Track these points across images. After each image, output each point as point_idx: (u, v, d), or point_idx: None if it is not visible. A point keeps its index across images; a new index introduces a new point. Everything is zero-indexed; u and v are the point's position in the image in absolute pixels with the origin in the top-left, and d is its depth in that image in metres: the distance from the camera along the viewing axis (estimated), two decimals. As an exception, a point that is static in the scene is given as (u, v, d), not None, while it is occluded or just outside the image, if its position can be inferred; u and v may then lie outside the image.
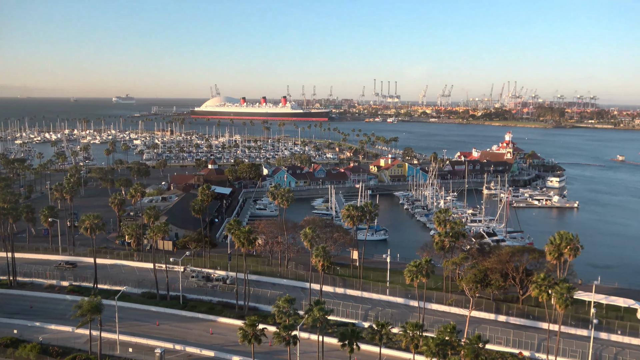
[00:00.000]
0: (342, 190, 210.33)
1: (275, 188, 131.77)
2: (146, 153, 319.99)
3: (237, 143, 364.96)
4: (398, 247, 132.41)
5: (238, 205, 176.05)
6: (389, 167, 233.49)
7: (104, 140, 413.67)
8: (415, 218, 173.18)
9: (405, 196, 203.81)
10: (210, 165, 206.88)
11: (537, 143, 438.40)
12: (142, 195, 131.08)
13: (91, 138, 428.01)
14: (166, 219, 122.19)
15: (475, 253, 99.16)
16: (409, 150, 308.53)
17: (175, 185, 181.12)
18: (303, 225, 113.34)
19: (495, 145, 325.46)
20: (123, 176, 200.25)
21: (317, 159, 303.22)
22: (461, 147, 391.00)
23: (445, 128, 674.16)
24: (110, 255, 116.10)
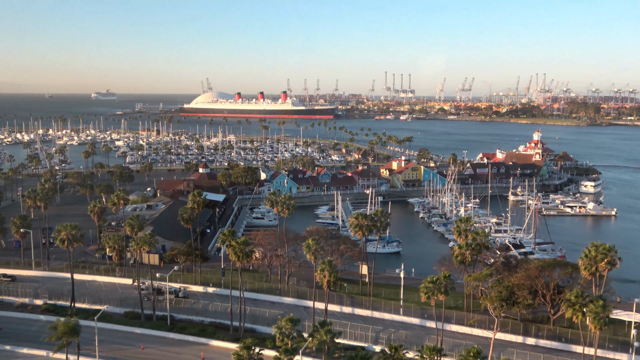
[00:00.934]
0: (350, 197, 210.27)
1: (275, 194, 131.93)
2: (129, 156, 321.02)
3: (231, 144, 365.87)
4: (413, 260, 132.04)
5: (232, 213, 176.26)
6: (402, 171, 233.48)
7: (82, 141, 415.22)
8: (432, 228, 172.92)
9: (420, 203, 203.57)
10: (201, 169, 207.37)
11: (570, 143, 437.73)
12: (125, 203, 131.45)
13: (68, 139, 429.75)
14: (152, 229, 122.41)
15: (500, 267, 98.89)
16: (424, 152, 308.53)
17: (162, 192, 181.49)
18: (306, 236, 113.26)
19: (522, 145, 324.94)
20: (104, 181, 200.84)
21: (322, 162, 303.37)
22: (484, 147, 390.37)
23: (465, 126, 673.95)
24: (89, 270, 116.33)
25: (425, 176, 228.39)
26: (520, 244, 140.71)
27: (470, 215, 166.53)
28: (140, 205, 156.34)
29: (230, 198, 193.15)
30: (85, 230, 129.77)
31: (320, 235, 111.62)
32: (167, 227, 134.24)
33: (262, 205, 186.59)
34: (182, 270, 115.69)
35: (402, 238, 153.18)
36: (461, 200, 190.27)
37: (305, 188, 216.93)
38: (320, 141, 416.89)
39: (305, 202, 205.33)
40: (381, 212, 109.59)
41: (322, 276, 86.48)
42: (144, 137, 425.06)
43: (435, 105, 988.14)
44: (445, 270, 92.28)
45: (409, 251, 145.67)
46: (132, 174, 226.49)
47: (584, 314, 72.00)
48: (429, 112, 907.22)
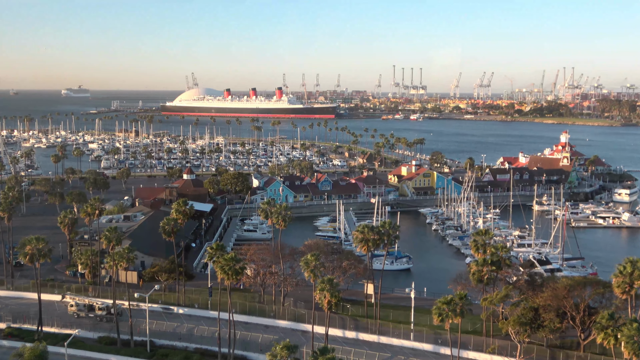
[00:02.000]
0: (354, 207, 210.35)
1: (269, 204, 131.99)
2: (104, 160, 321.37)
3: (219, 147, 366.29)
4: (425, 278, 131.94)
5: (221, 225, 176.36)
6: (412, 177, 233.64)
7: (51, 143, 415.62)
8: (447, 242, 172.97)
9: (433, 214, 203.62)
10: (185, 175, 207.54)
11: (602, 145, 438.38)
12: (100, 214, 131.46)
13: (35, 141, 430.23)
14: (130, 243, 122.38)
15: (523, 286, 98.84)
16: (438, 156, 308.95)
17: (142, 201, 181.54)
18: (304, 251, 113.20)
19: (547, 148, 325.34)
20: (75, 189, 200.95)
21: (322, 167, 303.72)
22: (504, 151, 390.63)
23: (484, 127, 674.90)
24: (59, 289, 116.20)
25: (439, 183, 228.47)
26: (546, 260, 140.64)
27: (490, 227, 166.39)
28: (116, 216, 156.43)
29: (219, 208, 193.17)
30: (54, 244, 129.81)
31: (320, 250, 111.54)
32: (147, 240, 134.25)
33: (255, 216, 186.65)
34: (164, 290, 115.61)
35: (413, 253, 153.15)
36: (479, 211, 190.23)
37: (303, 197, 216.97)
38: (320, 144, 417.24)
39: (303, 213, 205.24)
40: (389, 224, 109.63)
41: (322, 296, 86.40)
42: (120, 139, 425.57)
43: (450, 103, 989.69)
44: (461, 290, 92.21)
45: (420, 268, 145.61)
46: (108, 180, 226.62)
47: (616, 339, 71.91)
48: (442, 111, 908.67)
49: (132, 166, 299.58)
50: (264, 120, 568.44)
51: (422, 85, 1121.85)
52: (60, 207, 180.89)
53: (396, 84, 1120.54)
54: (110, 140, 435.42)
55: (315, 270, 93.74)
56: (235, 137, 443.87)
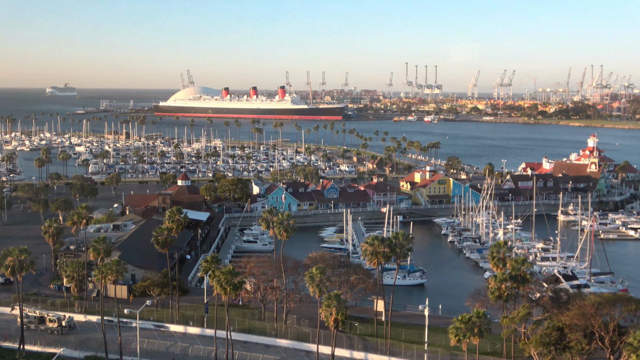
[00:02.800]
0: (363, 216, 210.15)
1: (270, 213, 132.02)
2: (92, 164, 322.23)
3: (217, 150, 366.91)
4: (440, 295, 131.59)
5: (218, 236, 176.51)
6: (426, 184, 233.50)
7: (34, 146, 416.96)
8: (464, 255, 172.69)
9: (449, 224, 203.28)
10: (180, 181, 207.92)
11: (633, 150, 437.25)
12: (87, 223, 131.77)
13: (17, 143, 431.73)
14: (119, 255, 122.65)
15: (547, 304, 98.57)
16: (454, 161, 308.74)
17: (132, 209, 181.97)
18: (308, 265, 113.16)
19: (574, 153, 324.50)
20: (61, 196, 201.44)
21: (328, 173, 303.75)
22: (527, 155, 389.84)
23: (504, 129, 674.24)
24: (43, 304, 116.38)
25: (455, 191, 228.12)
26: (573, 275, 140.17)
27: (511, 239, 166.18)
28: (105, 225, 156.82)
29: (216, 217, 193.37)
30: (38, 255, 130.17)
31: (326, 263, 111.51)
32: (138, 252, 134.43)
33: (255, 226, 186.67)
34: (156, 305, 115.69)
35: (427, 267, 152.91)
36: (499, 221, 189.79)
37: (308, 205, 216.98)
38: (326, 147, 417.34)
39: (307, 223, 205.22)
40: (401, 235, 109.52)
41: (328, 313, 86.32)
42: (110, 142, 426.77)
43: (468, 104, 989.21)
44: (479, 307, 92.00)
45: (435, 283, 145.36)
46: (96, 186, 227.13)
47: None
48: (459, 112, 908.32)
49: (123, 171, 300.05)
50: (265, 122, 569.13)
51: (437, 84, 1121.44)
52: (44, 216, 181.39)
53: (409, 82, 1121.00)
54: (99, 142, 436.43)
55: (320, 285, 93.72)
56: (234, 140, 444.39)
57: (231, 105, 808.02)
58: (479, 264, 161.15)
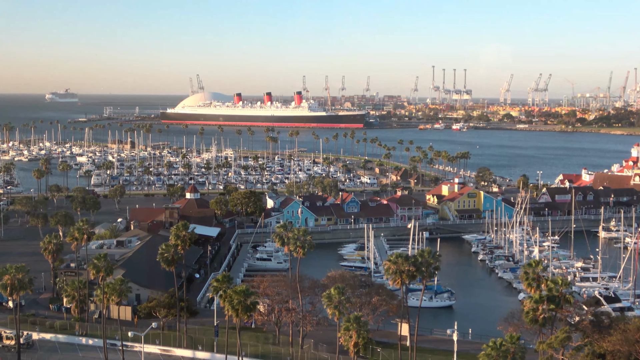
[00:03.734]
0: (385, 232, 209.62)
1: (285, 228, 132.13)
2: (95, 176, 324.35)
3: (228, 161, 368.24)
4: (470, 318, 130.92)
5: (230, 253, 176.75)
6: (455, 198, 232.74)
7: (33, 156, 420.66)
8: (496, 274, 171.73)
9: (480, 241, 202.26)
10: (188, 194, 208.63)
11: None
12: (89, 238, 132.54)
13: (15, 153, 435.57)
14: (123, 273, 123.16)
15: (587, 328, 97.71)
16: (485, 172, 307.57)
17: (137, 224, 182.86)
18: (326, 284, 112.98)
19: (616, 164, 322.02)
20: (61, 210, 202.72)
21: (348, 185, 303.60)
22: (565, 167, 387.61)
23: (539, 138, 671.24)
24: (41, 327, 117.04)
25: (487, 205, 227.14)
26: (615, 297, 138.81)
27: (547, 257, 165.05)
28: (108, 242, 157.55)
29: (227, 232, 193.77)
30: (36, 273, 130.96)
31: (345, 283, 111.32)
32: (143, 270, 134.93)
33: (269, 243, 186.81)
34: (162, 328, 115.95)
35: (455, 288, 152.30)
36: (535, 238, 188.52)
37: (326, 220, 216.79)
38: (345, 157, 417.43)
39: (325, 239, 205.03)
40: (427, 253, 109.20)
41: (348, 337, 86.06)
42: (114, 152, 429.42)
43: (500, 110, 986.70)
44: (513, 332, 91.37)
45: (464, 305, 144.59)
46: (99, 199, 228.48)
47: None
48: (490, 120, 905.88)
49: (127, 183, 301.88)
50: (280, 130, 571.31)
51: (467, 90, 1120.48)
52: (43, 231, 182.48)
53: (436, 87, 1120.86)
54: (102, 152, 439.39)
55: (339, 306, 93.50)
56: (246, 150, 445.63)
57: (244, 112, 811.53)
58: (513, 285, 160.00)
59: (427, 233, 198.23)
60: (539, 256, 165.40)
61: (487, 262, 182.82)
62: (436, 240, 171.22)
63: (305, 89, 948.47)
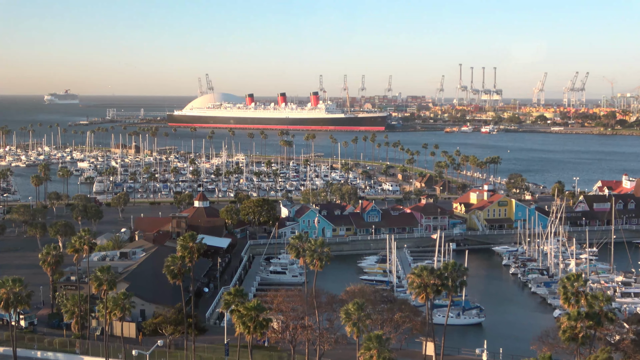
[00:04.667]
0: (409, 243, 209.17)
1: (301, 239, 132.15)
2: (97, 183, 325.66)
3: (239, 167, 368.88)
4: (500, 336, 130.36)
5: (241, 265, 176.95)
6: (484, 206, 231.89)
7: (31, 161, 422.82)
8: (529, 289, 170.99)
9: (511, 253, 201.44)
10: (197, 202, 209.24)
11: None
12: (91, 250, 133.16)
13: (12, 158, 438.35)
14: (127, 287, 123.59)
15: (629, 347, 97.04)
16: (517, 179, 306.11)
17: (142, 234, 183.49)
18: (345, 300, 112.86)
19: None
20: (61, 219, 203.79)
21: (368, 193, 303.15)
22: (603, 172, 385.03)
23: (576, 141, 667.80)
24: (39, 344, 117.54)
25: (519, 214, 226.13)
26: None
27: (585, 271, 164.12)
28: (111, 253, 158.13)
29: (238, 243, 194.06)
30: (34, 287, 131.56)
31: (365, 298, 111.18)
32: (148, 284, 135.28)
33: (283, 255, 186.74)
34: (169, 346, 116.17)
35: (485, 303, 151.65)
36: (571, 249, 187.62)
37: (345, 230, 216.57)
38: (366, 163, 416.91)
39: (344, 251, 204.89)
40: (454, 266, 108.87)
41: (368, 357, 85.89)
42: (117, 157, 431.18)
43: (533, 112, 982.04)
44: (547, 351, 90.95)
45: (494, 322, 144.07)
46: (101, 208, 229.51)
47: None
48: (523, 122, 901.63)
49: (131, 191, 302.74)
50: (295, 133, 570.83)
51: (497, 89, 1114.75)
52: (41, 241, 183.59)
53: (463, 87, 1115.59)
54: (105, 157, 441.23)
55: (359, 323, 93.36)
56: (259, 155, 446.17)
57: (256, 115, 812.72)
58: (547, 300, 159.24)
59: (454, 244, 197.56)
60: (575, 270, 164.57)
61: (519, 275, 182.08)
62: (464, 252, 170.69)
63: (322, 89, 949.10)
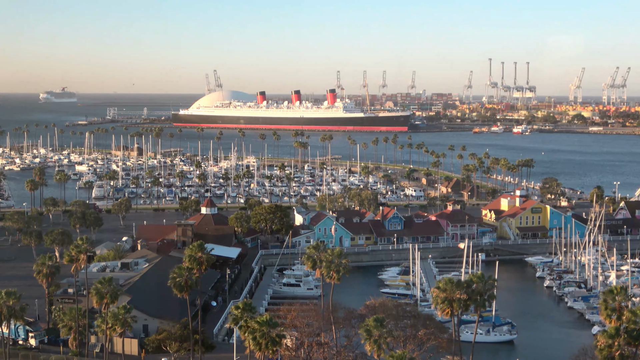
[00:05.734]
0: (434, 254, 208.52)
1: (317, 249, 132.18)
2: (97, 187, 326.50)
3: (250, 170, 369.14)
4: (534, 354, 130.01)
5: (252, 277, 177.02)
6: (516, 213, 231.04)
7: (26, 165, 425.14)
8: (565, 303, 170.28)
9: (546, 264, 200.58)
10: (204, 208, 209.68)
11: None
12: (90, 260, 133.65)
13: (6, 161, 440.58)
14: (129, 300, 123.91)
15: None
16: (552, 183, 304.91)
17: (145, 243, 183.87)
18: (364, 315, 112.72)
19: None
20: (58, 227, 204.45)
21: (390, 199, 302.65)
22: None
23: (617, 142, 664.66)
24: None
25: (554, 222, 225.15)
26: None
27: (626, 283, 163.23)
28: (111, 264, 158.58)
29: (249, 253, 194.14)
30: (29, 300, 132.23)
31: (387, 314, 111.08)
32: (152, 297, 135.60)
33: (298, 266, 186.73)
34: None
35: (517, 319, 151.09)
36: (611, 260, 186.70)
37: (365, 239, 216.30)
38: (387, 166, 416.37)
39: (364, 261, 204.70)
40: (483, 278, 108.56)
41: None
42: (118, 160, 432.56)
43: (569, 110, 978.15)
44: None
45: (527, 340, 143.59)
46: (101, 215, 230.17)
47: None
48: (558, 121, 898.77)
49: (134, 196, 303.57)
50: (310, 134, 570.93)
51: (530, 86, 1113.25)
52: (37, 251, 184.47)
53: (493, 84, 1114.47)
54: (105, 160, 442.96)
55: (380, 341, 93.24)
56: (271, 157, 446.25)
57: (268, 114, 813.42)
58: (585, 316, 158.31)
59: (484, 255, 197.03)
60: (616, 282, 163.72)
61: (554, 289, 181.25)
62: (494, 263, 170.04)
63: (340, 87, 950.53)
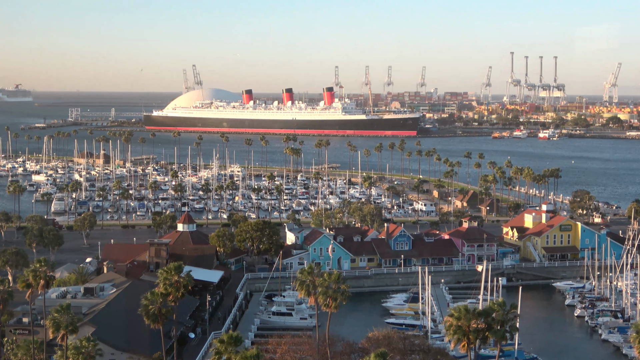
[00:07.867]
0: (447, 278, 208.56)
1: (311, 272, 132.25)
2: (57, 201, 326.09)
3: (234, 181, 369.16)
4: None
5: (236, 305, 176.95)
6: (543, 231, 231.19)
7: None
8: (599, 335, 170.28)
9: (577, 290, 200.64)
10: (181, 225, 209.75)
11: None
12: (48, 285, 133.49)
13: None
14: (93, 331, 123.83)
15: None
16: (584, 197, 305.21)
17: (113, 265, 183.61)
18: (366, 349, 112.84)
19: None
20: (11, 246, 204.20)
21: (396, 214, 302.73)
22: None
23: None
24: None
25: (586, 241, 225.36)
26: None
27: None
28: (73, 289, 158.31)
29: (232, 277, 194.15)
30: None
31: (392, 347, 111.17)
32: (120, 327, 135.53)
33: (289, 292, 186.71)
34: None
35: (543, 353, 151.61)
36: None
37: (367, 261, 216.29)
38: (393, 176, 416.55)
39: (365, 287, 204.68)
40: (504, 306, 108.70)
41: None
42: (81, 168, 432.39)
43: (603, 112, 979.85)
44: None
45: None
46: (61, 232, 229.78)
47: None
48: (590, 124, 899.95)
49: (99, 211, 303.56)
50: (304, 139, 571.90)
51: (558, 84, 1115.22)
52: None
53: (515, 81, 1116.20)
54: (66, 169, 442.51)
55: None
56: (259, 166, 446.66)
57: (255, 116, 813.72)
58: (622, 350, 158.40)
59: (504, 279, 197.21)
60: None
61: (586, 319, 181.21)
62: (517, 289, 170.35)
63: (339, 84, 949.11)
